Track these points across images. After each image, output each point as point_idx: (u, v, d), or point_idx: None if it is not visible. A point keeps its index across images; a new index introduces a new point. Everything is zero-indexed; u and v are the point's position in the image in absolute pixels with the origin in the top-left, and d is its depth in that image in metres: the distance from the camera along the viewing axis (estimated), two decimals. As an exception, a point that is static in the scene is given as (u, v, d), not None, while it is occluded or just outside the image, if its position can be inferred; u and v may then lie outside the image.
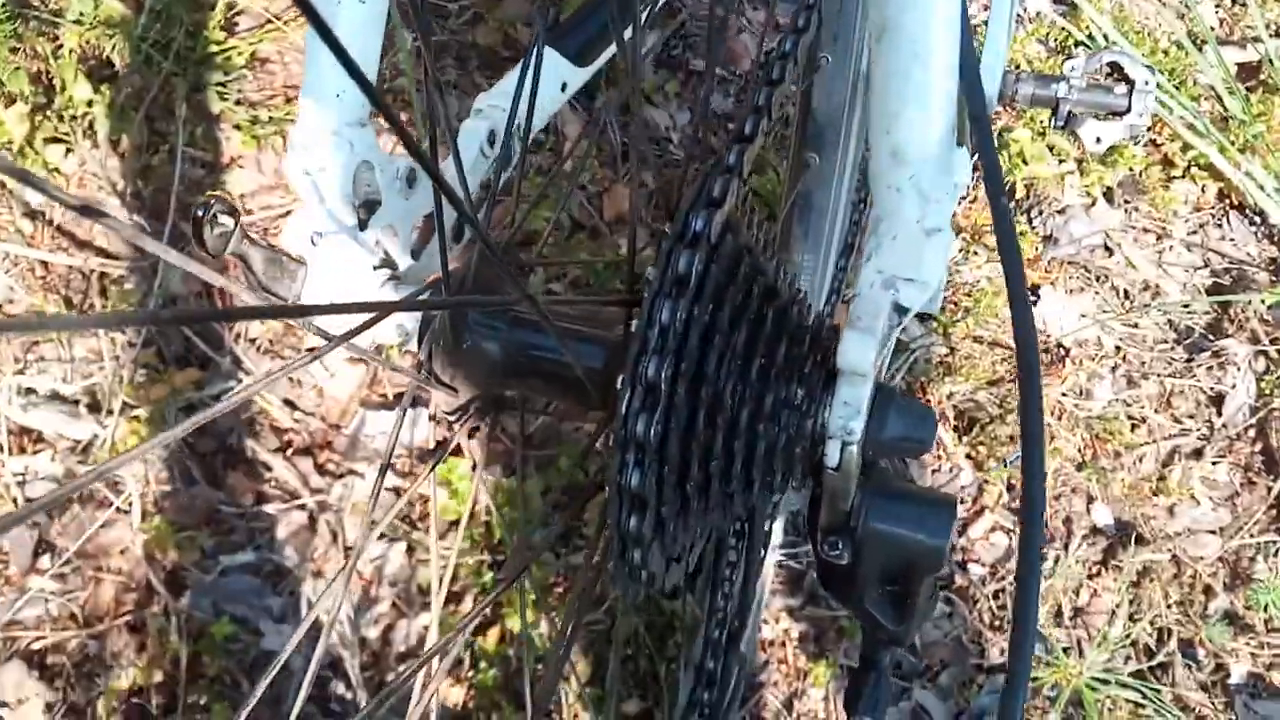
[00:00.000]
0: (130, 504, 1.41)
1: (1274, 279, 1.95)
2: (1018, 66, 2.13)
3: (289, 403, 1.51)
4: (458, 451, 1.45)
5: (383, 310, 0.61)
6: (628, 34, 0.75)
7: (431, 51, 0.62)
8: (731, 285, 0.62)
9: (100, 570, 1.39)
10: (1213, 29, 2.19)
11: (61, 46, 1.53)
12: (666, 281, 0.58)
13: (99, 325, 0.34)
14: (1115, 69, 1.30)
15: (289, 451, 1.48)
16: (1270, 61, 2.07)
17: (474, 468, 0.88)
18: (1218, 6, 2.25)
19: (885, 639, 0.74)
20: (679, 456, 0.61)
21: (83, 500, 1.40)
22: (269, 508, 1.44)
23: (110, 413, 1.44)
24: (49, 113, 1.52)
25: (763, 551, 1.29)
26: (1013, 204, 1.98)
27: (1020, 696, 0.44)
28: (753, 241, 0.66)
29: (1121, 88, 1.30)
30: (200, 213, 0.68)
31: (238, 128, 1.59)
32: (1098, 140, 1.33)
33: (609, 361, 0.69)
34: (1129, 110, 1.30)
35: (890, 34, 0.54)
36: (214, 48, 1.61)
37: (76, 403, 1.45)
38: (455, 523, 1.43)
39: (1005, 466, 1.66)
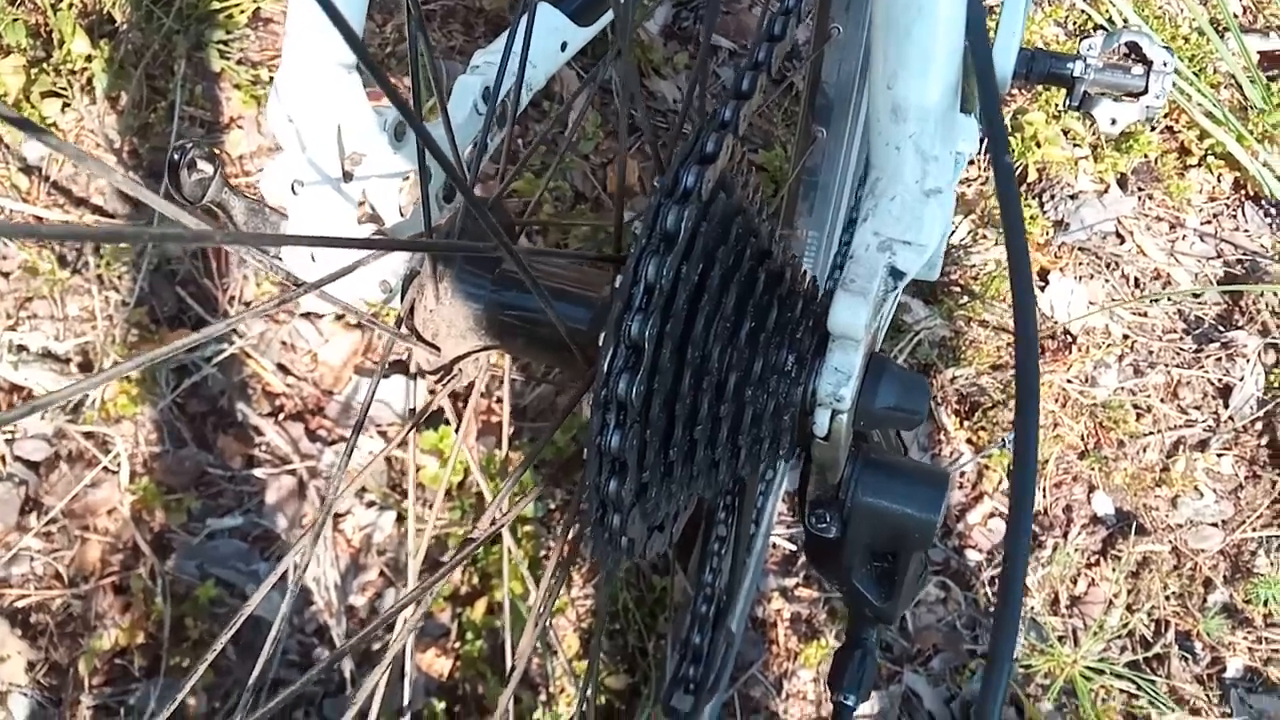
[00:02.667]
0: (119, 464, 1.40)
1: (1287, 271, 1.92)
2: (1032, 46, 2.10)
3: (282, 367, 1.49)
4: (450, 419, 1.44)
5: (366, 246, 0.59)
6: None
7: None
8: (723, 245, 0.59)
9: (87, 530, 1.38)
10: (1235, 16, 2.15)
11: (61, 0, 1.51)
12: (654, 238, 0.56)
13: (82, 237, 0.32)
14: (1133, 50, 1.27)
15: (281, 416, 1.47)
16: (1292, 50, 2.03)
17: (456, 429, 0.86)
18: (1240, -7, 2.21)
19: (872, 616, 0.72)
20: (662, 420, 0.59)
21: (71, 459, 1.39)
22: (259, 472, 1.42)
23: (101, 371, 1.42)
24: (47, 66, 1.50)
25: (754, 528, 1.27)
26: (1024, 188, 1.95)
27: (1002, 682, 0.42)
28: (747, 201, 0.63)
29: (1139, 68, 1.27)
30: (177, 157, 0.66)
31: (238, 87, 1.57)
32: (1113, 121, 1.30)
33: (594, 322, 0.67)
34: (1145, 91, 1.27)
35: (893, -17, 0.51)
36: (216, 5, 1.58)
37: (68, 361, 1.44)
38: (448, 492, 1.42)
39: (1002, 449, 1.64)
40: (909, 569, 0.67)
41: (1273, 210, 2.01)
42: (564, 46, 0.99)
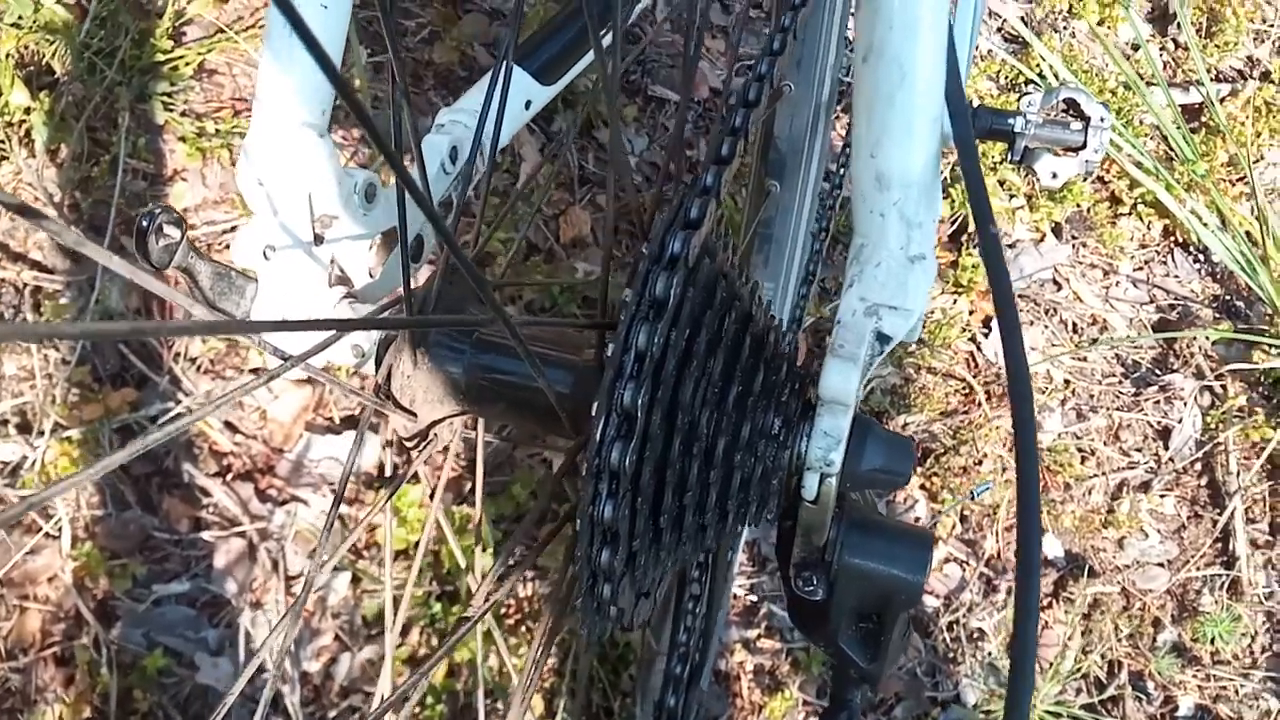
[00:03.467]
0: (60, 529, 1.34)
1: (1217, 315, 1.99)
2: (972, 102, 2.16)
3: (230, 425, 1.45)
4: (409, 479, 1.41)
5: (345, 328, 0.58)
6: (600, 49, 0.74)
7: (400, 51, 0.59)
8: (709, 310, 0.60)
9: (26, 599, 1.32)
10: (1161, 70, 2.25)
11: (-2, 51, 1.48)
12: (643, 304, 0.56)
13: (38, 337, 0.31)
14: (1071, 106, 1.32)
15: (229, 476, 1.43)
16: (1211, 103, 2.12)
17: (431, 495, 0.84)
18: (1161, 50, 2.31)
19: (857, 677, 0.72)
20: (653, 487, 0.58)
21: (9, 526, 1.33)
22: (207, 535, 1.38)
23: (41, 433, 1.37)
24: (-16, 119, 1.46)
25: (725, 584, 1.27)
26: (965, 237, 2.00)
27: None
28: (729, 266, 0.64)
29: (1077, 124, 1.31)
30: (145, 223, 0.64)
31: (183, 140, 1.54)
32: (1054, 175, 1.34)
33: (577, 386, 0.66)
34: (1084, 146, 1.31)
35: (876, 55, 0.52)
36: (160, 56, 1.56)
37: (5, 422, 1.38)
38: (403, 551, 1.39)
39: (973, 499, 1.66)
40: (894, 629, 0.67)
41: (1200, 256, 2.09)
42: (528, 105, 0.99)
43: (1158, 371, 1.92)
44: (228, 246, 1.52)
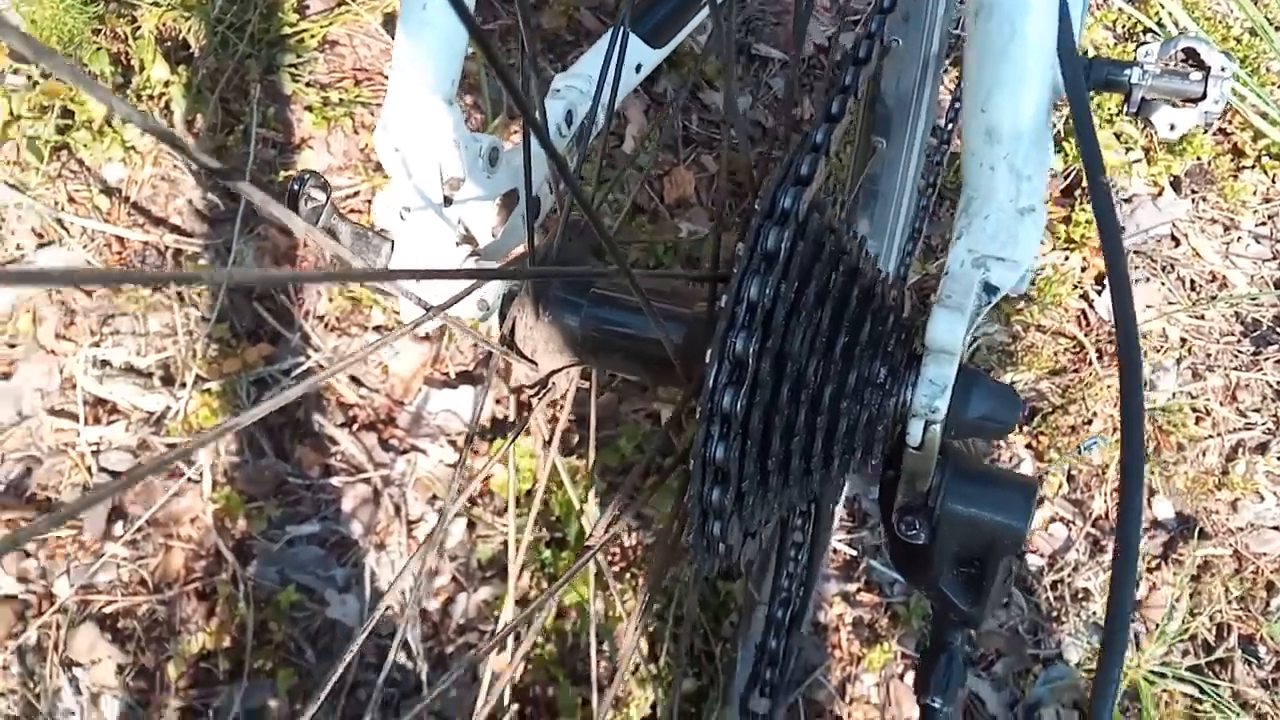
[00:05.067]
0: (201, 474, 1.45)
1: (1347, 272, 1.91)
2: (1086, 52, 2.10)
3: (355, 379, 1.54)
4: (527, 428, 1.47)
5: (476, 276, 0.62)
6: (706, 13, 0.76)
7: (529, 18, 0.63)
8: (817, 263, 0.62)
9: (171, 538, 1.43)
10: (1288, 16, 2.14)
11: (140, 28, 1.57)
12: (755, 258, 0.59)
13: (185, 282, 0.35)
14: (1190, 55, 1.28)
15: (354, 426, 1.51)
16: (1348, 49, 2.02)
17: (546, 444, 0.89)
18: (1293, -7, 2.20)
19: (958, 620, 0.74)
20: (761, 431, 0.61)
21: (156, 471, 1.44)
22: (334, 480, 1.47)
23: (183, 385, 1.47)
24: (128, 92, 1.56)
25: (827, 533, 1.30)
26: (1078, 192, 1.96)
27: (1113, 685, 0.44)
28: (837, 220, 0.66)
29: (1197, 74, 1.28)
30: (296, 186, 0.70)
31: (309, 109, 1.62)
32: (1171, 127, 1.31)
33: (689, 337, 0.70)
34: (1204, 97, 1.28)
35: (987, 11, 0.54)
36: (287, 30, 1.63)
37: (150, 375, 1.49)
38: (517, 499, 1.45)
39: (1081, 452, 1.64)
40: (997, 574, 0.69)
41: (1330, 211, 2.00)
42: (638, 68, 1.02)
43: (1278, 330, 1.85)
44: (352, 210, 1.59)
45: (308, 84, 1.63)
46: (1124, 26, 2.13)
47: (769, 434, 0.62)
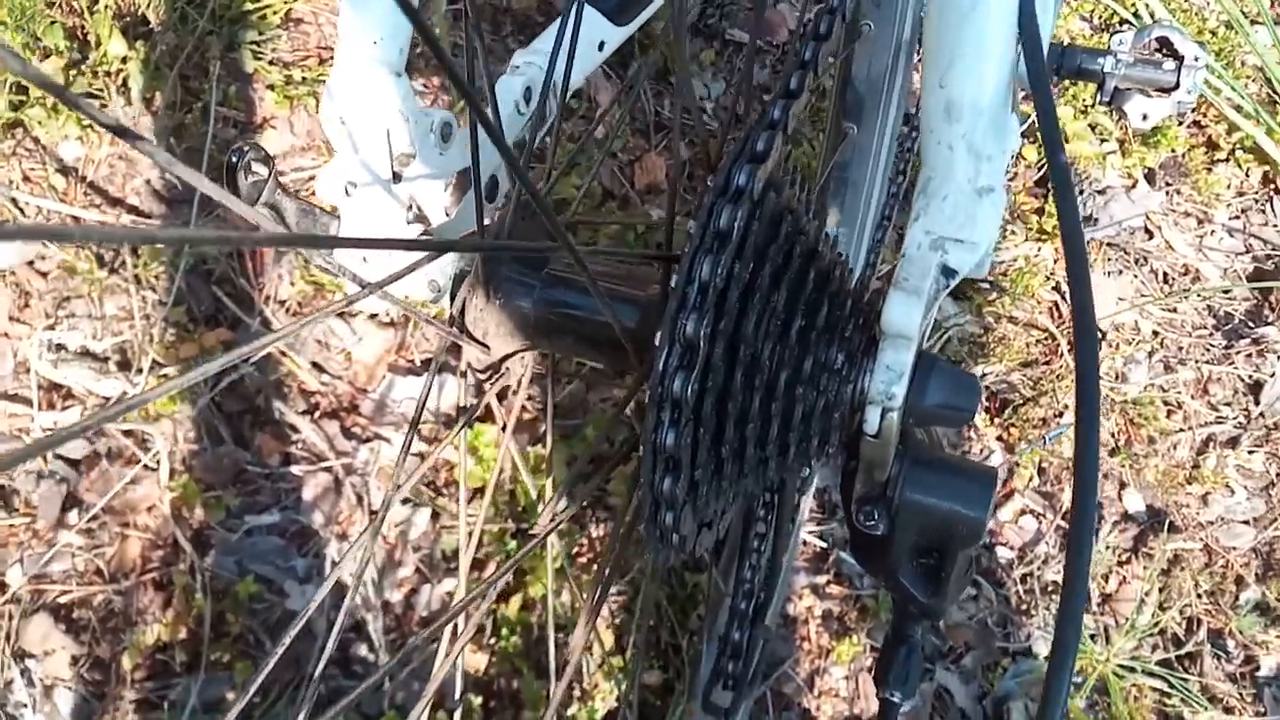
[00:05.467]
0: (158, 461, 1.41)
1: (1319, 266, 1.91)
2: (1062, 42, 2.09)
3: (317, 365, 1.51)
4: (484, 418, 1.45)
5: (418, 248, 0.59)
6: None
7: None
8: (773, 244, 0.60)
9: (127, 526, 1.40)
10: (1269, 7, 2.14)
11: (97, 2, 1.53)
12: (707, 236, 0.56)
13: (136, 240, 0.33)
14: (1164, 45, 1.27)
15: (316, 414, 1.48)
16: (1323, 43, 2.02)
17: (503, 428, 0.86)
18: (1270, -14, 2.19)
19: (918, 612, 0.72)
20: (714, 417, 0.59)
21: (111, 457, 1.41)
22: (295, 469, 1.44)
23: (139, 370, 1.44)
24: (83, 68, 1.52)
25: (790, 525, 1.28)
26: (1049, 183, 1.95)
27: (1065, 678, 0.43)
28: (795, 201, 0.64)
29: (1170, 64, 1.27)
30: (234, 159, 0.67)
31: (271, 88, 1.58)
32: (1144, 117, 1.30)
33: (643, 320, 0.68)
34: (1177, 86, 1.27)
35: (948, -17, 0.52)
36: (249, 6, 1.60)
37: (106, 360, 1.46)
38: (480, 490, 1.43)
39: (1047, 442, 1.63)
40: (955, 566, 0.68)
41: (1303, 205, 2.00)
42: (601, 46, 1.00)
43: (1251, 324, 1.85)
44: (314, 193, 1.56)
45: (270, 62, 1.59)
46: (1100, 17, 2.12)
47: (722, 420, 0.60)
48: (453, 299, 0.72)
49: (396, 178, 0.75)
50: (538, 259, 0.71)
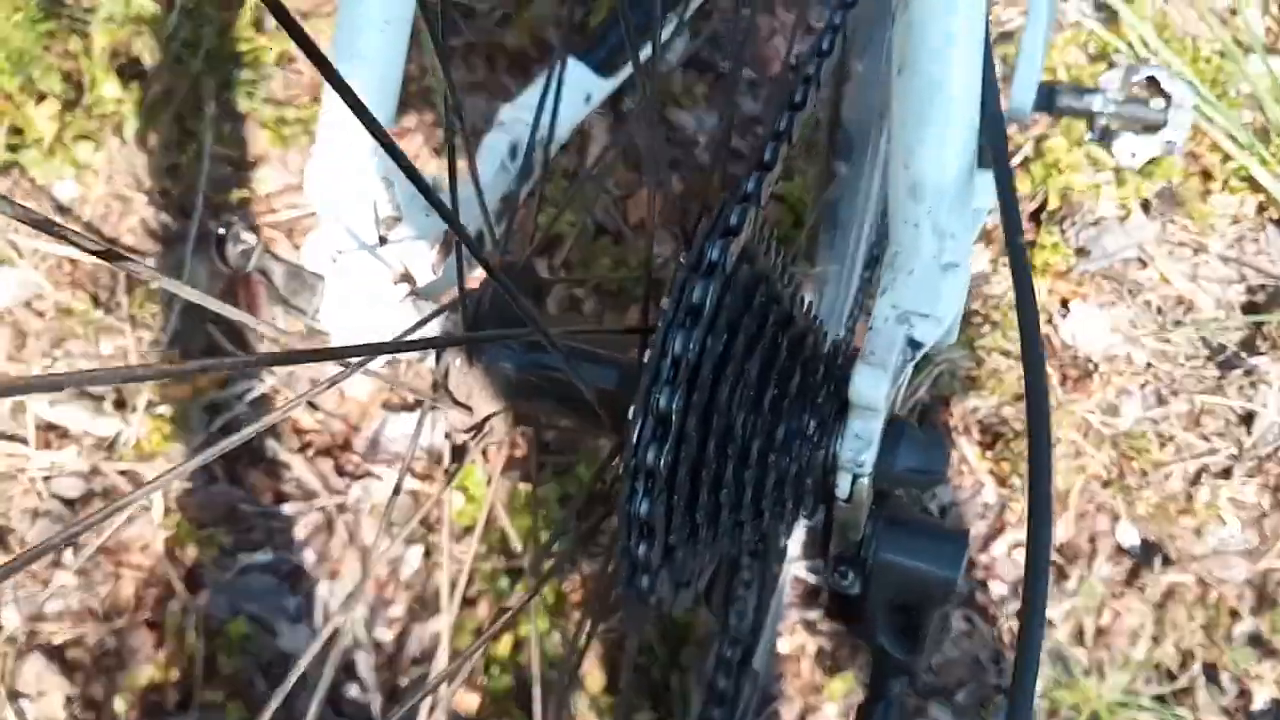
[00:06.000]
0: (152, 500, 1.42)
1: (1310, 297, 1.91)
2: (1055, 74, 2.11)
3: (311, 404, 1.52)
4: (469, 464, 1.46)
5: (397, 350, 0.60)
6: (646, 53, 0.75)
7: (450, 74, 0.61)
8: (746, 314, 0.61)
9: (121, 566, 1.40)
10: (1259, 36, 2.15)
11: (92, 45, 1.55)
12: (679, 312, 0.57)
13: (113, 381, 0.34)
14: (1153, 83, 1.28)
15: (309, 452, 1.49)
16: (1313, 73, 2.03)
17: (488, 482, 0.87)
18: (1265, 14, 2.21)
19: (894, 669, 0.73)
20: (688, 486, 0.60)
21: (105, 496, 1.42)
22: (288, 508, 1.45)
23: (134, 410, 1.45)
24: (79, 110, 1.54)
25: (777, 569, 1.28)
26: (1045, 214, 1.96)
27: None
28: (770, 268, 0.65)
29: (1159, 102, 1.28)
30: (222, 230, 0.69)
31: (265, 126, 1.60)
32: (1132, 155, 1.31)
33: (622, 383, 0.69)
34: (1165, 125, 1.28)
35: (910, 70, 0.53)
36: (243, 46, 1.61)
37: (101, 399, 1.47)
38: (470, 528, 1.43)
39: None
40: (931, 623, 0.69)
41: (1295, 234, 2.00)
42: (588, 99, 1.01)
43: (1243, 354, 1.85)
44: (309, 230, 1.58)
45: (264, 100, 1.61)
46: (1095, 47, 2.13)
47: (696, 488, 0.61)
48: (437, 361, 0.73)
49: (383, 240, 0.76)
50: (521, 321, 0.72)
